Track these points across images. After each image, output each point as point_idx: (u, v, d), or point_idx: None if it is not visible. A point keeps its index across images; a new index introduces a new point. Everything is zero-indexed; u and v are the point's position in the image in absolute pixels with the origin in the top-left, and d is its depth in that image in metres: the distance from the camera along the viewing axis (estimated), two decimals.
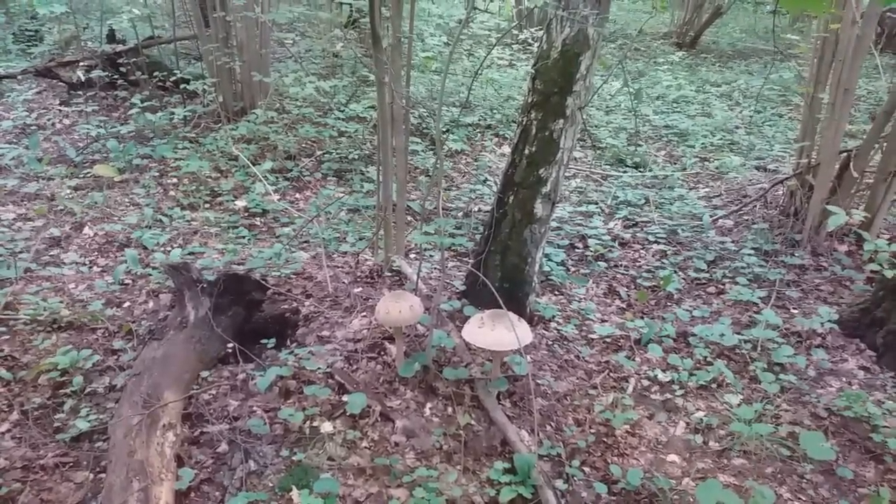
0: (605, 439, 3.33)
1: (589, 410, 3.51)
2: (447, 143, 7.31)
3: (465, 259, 5.09)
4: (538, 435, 3.25)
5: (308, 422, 3.12)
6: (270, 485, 2.83)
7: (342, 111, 7.65)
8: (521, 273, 4.01)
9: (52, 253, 4.97)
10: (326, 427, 3.10)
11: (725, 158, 7.87)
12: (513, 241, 3.95)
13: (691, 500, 2.97)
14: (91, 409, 3.29)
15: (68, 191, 5.90)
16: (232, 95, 7.28)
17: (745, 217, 6.13)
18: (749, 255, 5.24)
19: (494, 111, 8.61)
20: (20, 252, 4.84)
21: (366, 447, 3.06)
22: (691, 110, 10.20)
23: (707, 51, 14.85)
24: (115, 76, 7.61)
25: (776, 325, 4.15)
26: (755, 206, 6.26)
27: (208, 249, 5.09)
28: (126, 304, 4.29)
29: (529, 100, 3.80)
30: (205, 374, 3.36)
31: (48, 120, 7.55)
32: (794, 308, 4.56)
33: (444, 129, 7.68)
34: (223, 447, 3.01)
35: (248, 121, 6.93)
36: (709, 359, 3.96)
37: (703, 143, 8.65)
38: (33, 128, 7.24)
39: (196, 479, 2.82)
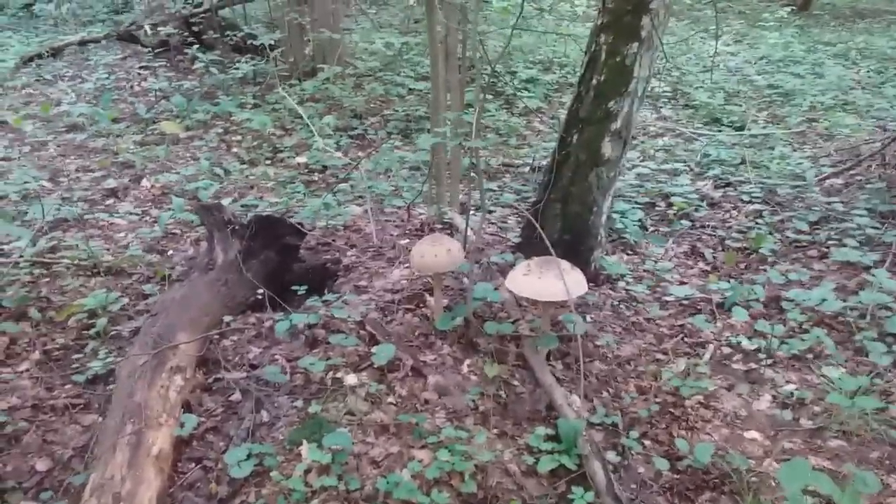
0: (671, 410, 2.84)
1: (655, 378, 3.03)
2: (523, 100, 6.85)
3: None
4: (585, 398, 2.82)
5: (331, 372, 2.81)
6: (280, 437, 2.54)
7: (413, 69, 7.33)
8: (584, 223, 3.55)
9: (107, 203, 4.91)
10: (350, 379, 2.78)
11: (837, 118, 7.00)
12: (575, 186, 3.49)
13: (773, 483, 2.47)
14: (112, 351, 3.12)
15: (133, 145, 5.86)
16: (302, 54, 7.10)
17: (858, 177, 5.36)
18: (860, 215, 4.53)
19: (577, 69, 8.04)
20: (77, 201, 4.80)
21: (391, 403, 2.72)
22: (800, 70, 9.24)
23: (822, 11, 13.56)
24: (189, 37, 7.58)
25: (890, 290, 3.49)
26: (870, 165, 5.47)
27: (262, 202, 4.90)
28: (169, 252, 4.14)
29: (599, 21, 3.32)
30: (228, 318, 3.12)
31: (127, 82, 7.64)
32: None
33: (519, 87, 7.21)
34: (236, 395, 2.75)
35: (316, 79, 6.72)
36: (804, 326, 3.37)
37: (811, 103, 7.77)
38: (111, 89, 7.32)
39: (200, 427, 2.57)
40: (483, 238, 3.26)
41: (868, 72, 9.27)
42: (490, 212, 4.58)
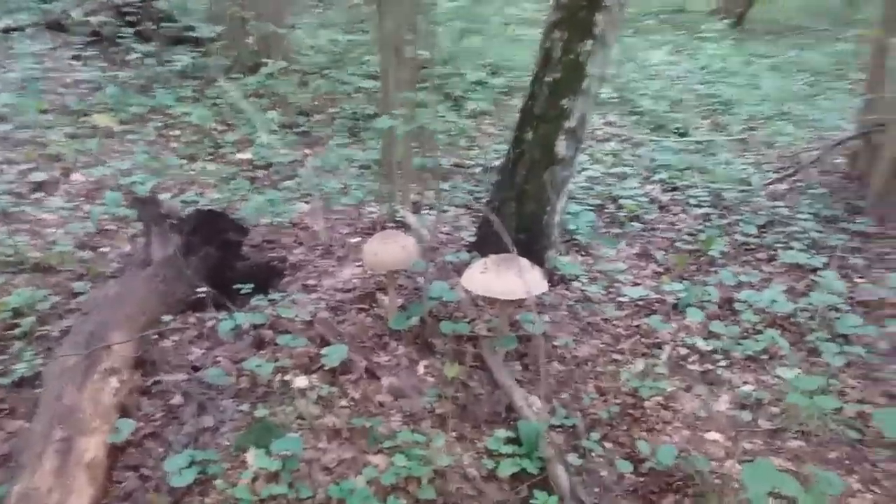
0: (631, 411, 2.79)
1: (614, 378, 2.98)
2: (470, 103, 6.79)
3: (480, 214, 4.56)
4: (548, 400, 2.74)
5: (279, 375, 2.66)
6: (226, 443, 2.37)
7: (360, 67, 7.18)
8: (538, 222, 3.48)
9: (35, 196, 4.58)
10: (300, 382, 2.63)
11: (776, 126, 7.19)
12: (530, 184, 3.42)
13: (736, 485, 2.43)
14: (40, 352, 2.86)
15: (63, 138, 5.52)
16: (244, 48, 6.85)
17: (800, 183, 5.49)
18: (805, 219, 4.62)
19: (523, 74, 8.03)
20: (1, 194, 4.46)
21: (344, 406, 2.58)
22: (738, 80, 9.49)
23: (756, 27, 14.01)
24: (123, 27, 7.23)
25: (839, 291, 3.55)
26: (810, 171, 5.62)
27: (203, 199, 4.66)
28: (103, 249, 3.88)
29: (553, 17, 3.26)
30: (167, 317, 2.91)
31: (57, 73, 7.22)
32: (858, 277, 3.94)
33: (468, 89, 7.15)
34: (177, 399, 2.56)
35: (260, 74, 6.49)
36: (758, 327, 3.39)
37: (751, 112, 7.96)
38: (39, 79, 6.89)
39: (138, 433, 2.37)
40: (438, 235, 3.16)
41: (802, 84, 9.59)
42: (443, 211, 4.47)
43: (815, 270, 4.01)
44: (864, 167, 5.02)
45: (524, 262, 2.74)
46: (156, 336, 2.83)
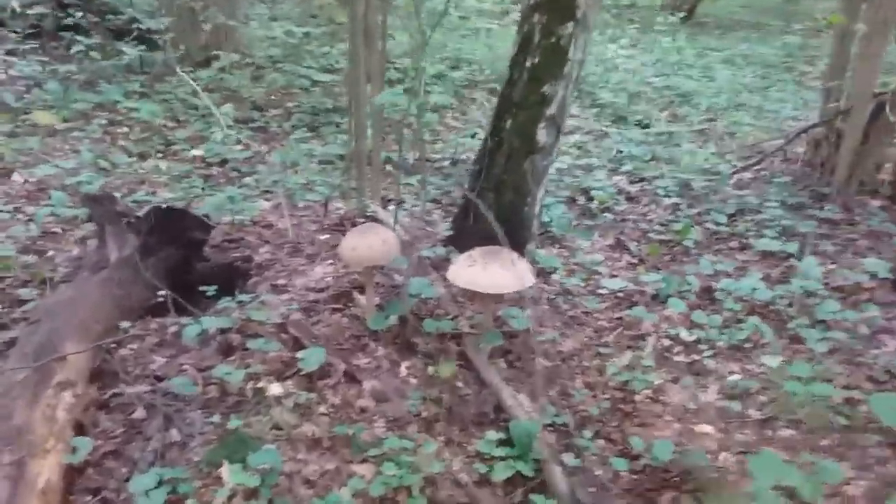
0: (621, 406, 2.70)
1: (601, 372, 2.89)
2: (432, 97, 6.65)
3: (452, 208, 4.43)
4: (537, 398, 2.62)
5: (251, 382, 2.47)
6: (196, 458, 2.18)
7: (316, 60, 6.96)
8: (518, 214, 3.37)
9: None
10: (274, 389, 2.45)
11: (734, 117, 7.26)
12: (509, 174, 3.30)
13: (733, 477, 2.35)
14: None
15: (1, 137, 5.18)
16: (195, 41, 6.57)
17: (764, 172, 5.51)
18: (774, 207, 4.62)
19: (485, 67, 7.93)
20: None
21: (323, 413, 2.41)
22: (693, 73, 9.59)
23: (705, 21, 14.23)
24: (65, 19, 6.85)
25: (815, 277, 3.53)
26: (773, 160, 5.65)
27: (156, 198, 4.41)
28: (49, 253, 3.61)
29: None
30: (125, 325, 2.69)
31: None
32: (830, 263, 3.94)
33: (429, 82, 7.00)
34: (140, 412, 2.35)
35: (212, 68, 6.23)
36: (739, 316, 3.34)
37: (707, 104, 8.03)
38: None
39: (97, 452, 2.16)
40: (415, 230, 3.02)
41: (753, 76, 9.74)
42: (400, 202, 4.31)
43: (788, 257, 4.00)
44: (827, 155, 5.06)
45: (511, 254, 2.61)
46: (113, 345, 2.61)
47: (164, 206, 3.00)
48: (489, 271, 2.49)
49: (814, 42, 12.15)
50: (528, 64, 3.18)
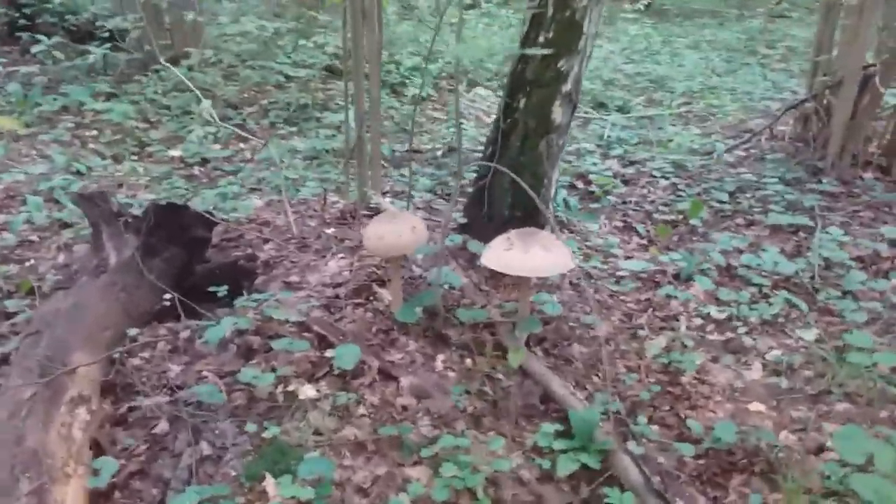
0: (670, 389, 2.57)
1: (639, 355, 2.76)
2: (409, 90, 6.48)
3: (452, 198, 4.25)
4: (577, 385, 2.48)
5: (281, 385, 2.27)
6: (233, 473, 1.97)
7: (288, 56, 6.72)
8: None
9: None
10: (307, 391, 2.26)
11: (715, 100, 7.27)
12: (525, 156, 3.15)
13: (798, 456, 2.24)
14: None
15: None
16: (161, 39, 6.25)
17: (753, 150, 5.49)
18: (774, 183, 4.58)
19: (461, 58, 7.77)
20: None
21: (363, 415, 2.22)
22: (661, 59, 9.62)
23: (664, 10, 14.35)
24: (21, 19, 6.47)
25: (831, 249, 3.48)
26: (760, 139, 5.63)
27: (136, 201, 4.14)
28: (30, 262, 3.33)
29: None
30: (133, 332, 2.46)
31: None
32: (842, 235, 3.89)
33: (405, 75, 6.82)
34: (162, 426, 2.13)
35: (181, 66, 5.93)
36: (765, 290, 3.25)
37: (681, 88, 8.03)
38: None
39: (122, 473, 1.94)
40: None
41: (720, 60, 9.81)
42: (411, 197, 4.14)
43: (797, 231, 3.96)
44: (818, 130, 5.04)
45: (545, 233, 2.46)
46: (125, 354, 2.38)
47: (163, 202, 2.76)
48: (531, 254, 2.34)
49: (772, 27, 12.38)
50: (541, 39, 3.03)
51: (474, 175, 3.47)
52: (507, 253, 2.37)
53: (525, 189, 3.08)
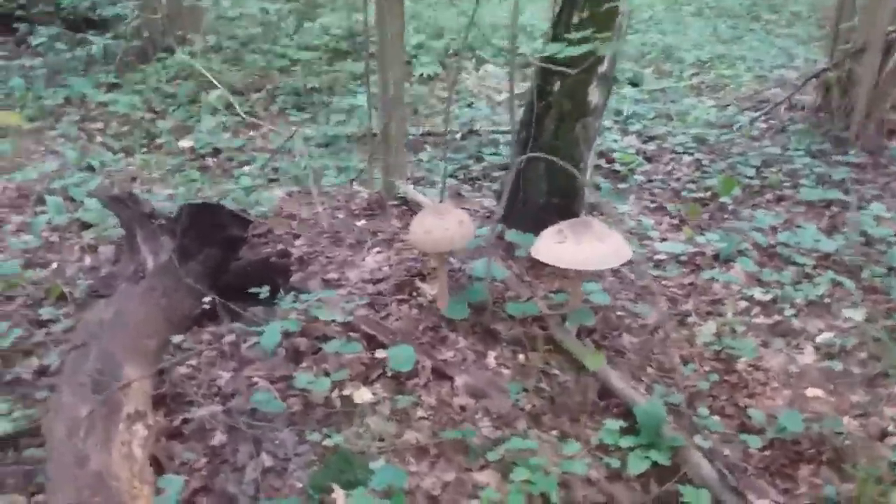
0: (726, 378, 2.53)
1: (690, 343, 2.71)
2: (419, 68, 6.35)
3: (479, 183, 4.18)
4: (632, 377, 2.42)
5: (336, 390, 2.21)
6: (299, 485, 1.92)
7: (291, 38, 6.57)
8: (572, 182, 3.13)
9: None
10: (364, 395, 2.20)
11: (719, 69, 7.16)
12: (561, 139, 3.07)
13: (862, 443, 2.21)
14: (14, 402, 2.28)
15: None
16: (159, 27, 6.09)
17: (773, 121, 5.41)
18: (801, 156, 4.51)
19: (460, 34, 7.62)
20: None
21: (422, 417, 2.17)
22: (666, 28, 9.48)
23: None
24: (17, 10, 6.29)
25: (871, 224, 3.42)
26: (780, 109, 5.55)
27: (153, 196, 4.04)
28: (54, 265, 3.24)
29: None
30: (178, 339, 2.39)
31: None
32: (884, 210, 3.82)
33: (412, 53, 6.69)
34: (219, 437, 2.07)
35: (183, 53, 5.78)
36: (807, 270, 3.20)
37: (690, 58, 7.91)
38: None
39: (187, 490, 1.88)
40: (502, 207, 2.77)
41: (725, 27, 9.68)
42: (444, 188, 4.05)
43: (829, 205, 3.90)
44: (841, 99, 4.96)
45: (597, 223, 2.40)
46: (167, 360, 2.31)
47: (196, 202, 2.68)
48: (584, 246, 2.27)
49: None
50: (575, 20, 2.93)
51: (497, 158, 3.38)
52: (561, 246, 2.30)
53: (562, 173, 3.02)
